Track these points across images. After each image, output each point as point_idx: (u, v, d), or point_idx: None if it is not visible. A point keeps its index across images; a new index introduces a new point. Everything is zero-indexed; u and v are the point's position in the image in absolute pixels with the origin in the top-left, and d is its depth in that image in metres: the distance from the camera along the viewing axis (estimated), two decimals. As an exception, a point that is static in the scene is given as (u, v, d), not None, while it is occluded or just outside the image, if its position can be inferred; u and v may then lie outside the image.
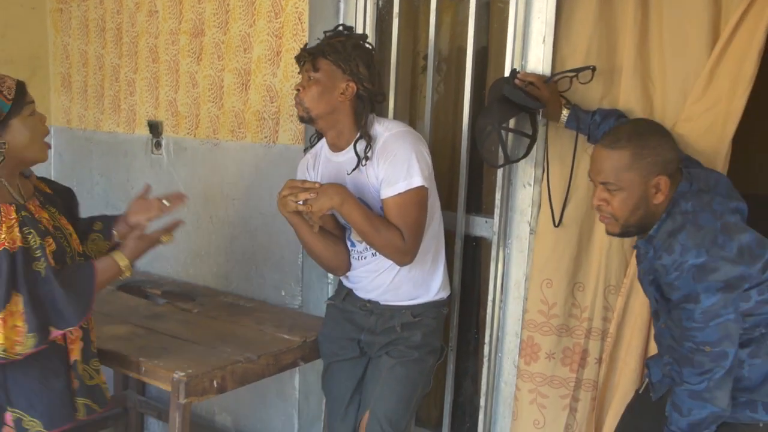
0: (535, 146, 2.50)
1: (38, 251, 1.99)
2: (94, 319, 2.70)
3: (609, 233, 2.08)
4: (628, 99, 2.36)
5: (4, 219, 1.95)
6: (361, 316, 2.52)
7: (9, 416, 2.06)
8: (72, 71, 3.94)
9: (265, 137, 3.13)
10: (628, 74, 2.36)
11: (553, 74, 2.44)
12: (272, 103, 3.08)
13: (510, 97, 2.36)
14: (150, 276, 3.54)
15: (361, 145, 2.33)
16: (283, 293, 3.15)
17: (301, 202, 2.25)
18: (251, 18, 3.11)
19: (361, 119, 2.34)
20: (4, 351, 1.92)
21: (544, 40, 2.48)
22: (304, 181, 2.29)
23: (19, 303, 1.94)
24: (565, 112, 2.38)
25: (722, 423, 1.96)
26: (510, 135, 2.52)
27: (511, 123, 2.52)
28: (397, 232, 2.27)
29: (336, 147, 2.42)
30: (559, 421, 2.56)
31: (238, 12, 3.15)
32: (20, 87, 2.06)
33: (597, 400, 2.50)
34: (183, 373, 2.29)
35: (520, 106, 2.39)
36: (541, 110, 2.43)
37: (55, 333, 2.02)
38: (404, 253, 2.30)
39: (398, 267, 2.39)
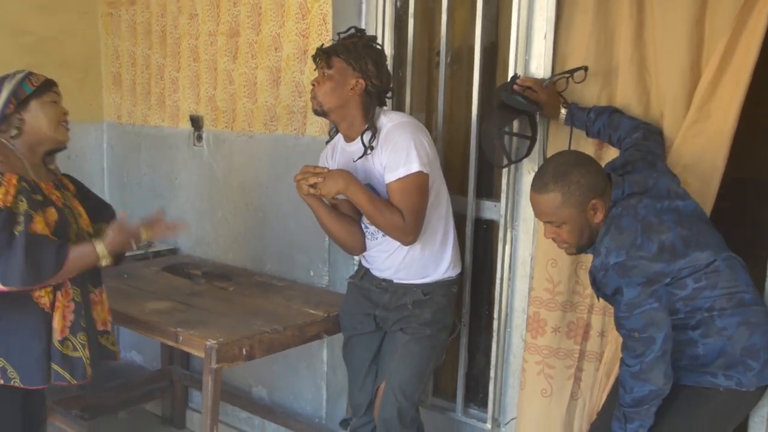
0: (538, 138, 2.63)
1: (21, 216, 2.18)
2: (138, 296, 2.94)
3: (569, 254, 2.27)
4: (625, 93, 2.45)
5: (5, 183, 2.20)
6: (377, 293, 2.69)
7: None
8: (122, 71, 4.13)
9: (295, 129, 3.31)
10: (625, 68, 2.44)
11: (550, 77, 2.55)
12: (300, 97, 3.25)
13: (508, 103, 2.50)
14: (193, 259, 3.75)
15: (367, 136, 2.50)
16: (311, 273, 3.32)
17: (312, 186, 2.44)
18: (281, 20, 3.27)
19: (369, 112, 2.51)
20: None
21: (545, 37, 2.59)
22: (315, 167, 2.48)
23: None
24: (563, 111, 2.50)
25: (686, 387, 2.10)
26: (512, 137, 2.67)
27: (514, 125, 2.65)
28: (398, 213, 2.43)
29: (348, 138, 2.60)
30: (565, 389, 2.67)
31: (269, 14, 3.32)
32: (48, 81, 2.38)
33: (603, 374, 2.59)
34: (215, 341, 2.49)
35: (519, 110, 2.53)
36: (538, 112, 2.55)
37: (1, 288, 2.17)
38: (406, 233, 2.46)
39: (407, 247, 2.55)
